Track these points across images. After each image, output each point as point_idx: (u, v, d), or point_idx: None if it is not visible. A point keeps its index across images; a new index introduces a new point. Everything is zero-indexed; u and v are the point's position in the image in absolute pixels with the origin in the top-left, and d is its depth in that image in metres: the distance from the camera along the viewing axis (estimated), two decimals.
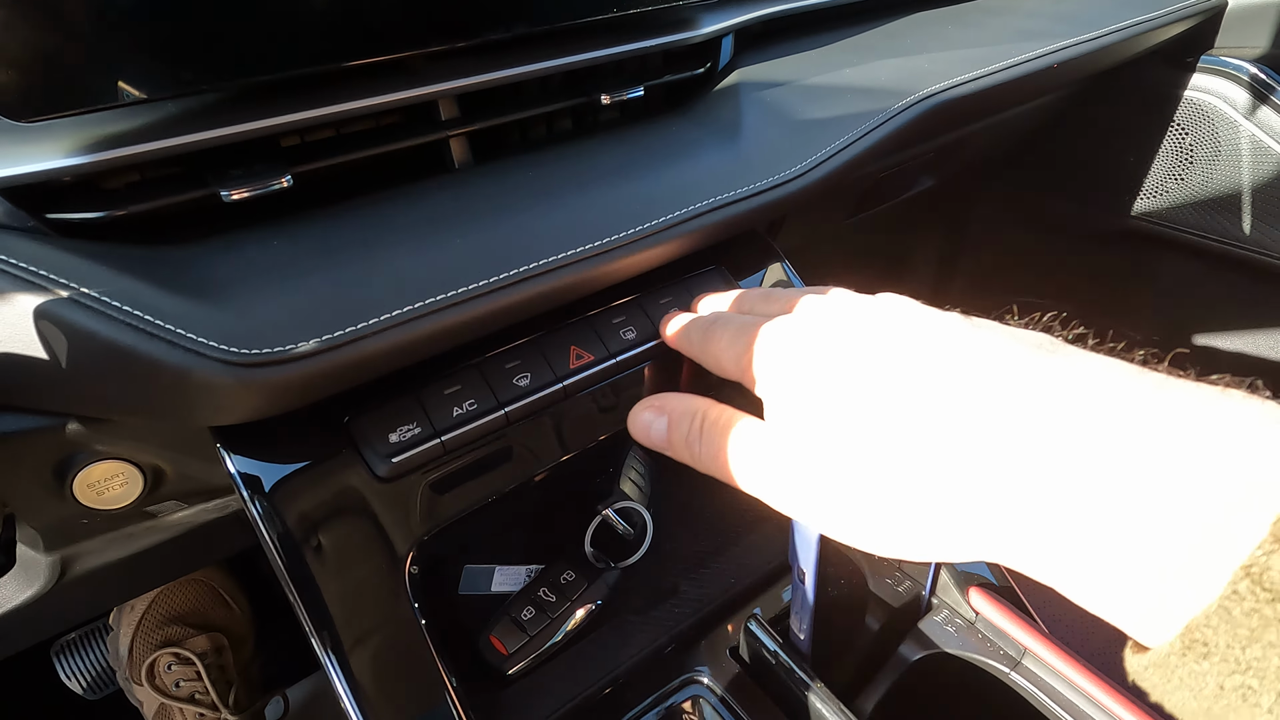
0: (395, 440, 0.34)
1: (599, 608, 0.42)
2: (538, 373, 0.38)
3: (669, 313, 0.37)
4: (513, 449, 0.37)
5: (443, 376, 0.36)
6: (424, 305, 0.32)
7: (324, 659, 0.31)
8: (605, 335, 0.40)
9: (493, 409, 0.36)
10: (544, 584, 0.42)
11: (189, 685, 0.74)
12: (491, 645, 0.40)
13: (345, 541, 0.33)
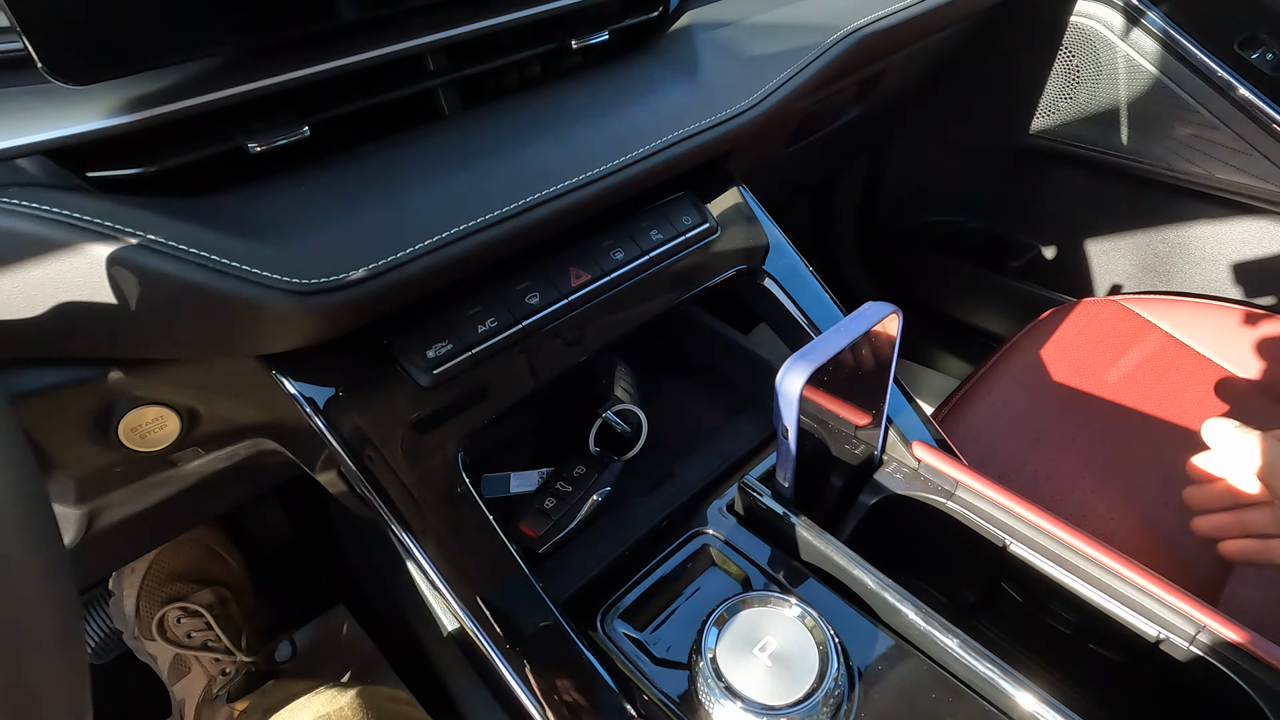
0: (432, 356, 0.39)
1: (609, 494, 0.48)
2: (545, 292, 0.43)
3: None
4: (532, 356, 0.42)
5: (465, 300, 0.41)
6: (449, 234, 0.37)
7: (402, 540, 0.37)
8: (598, 257, 0.45)
9: (511, 324, 0.41)
10: (559, 479, 0.49)
11: (201, 635, 0.77)
12: (521, 532, 0.46)
13: (404, 441, 0.38)
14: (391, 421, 0.38)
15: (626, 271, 0.46)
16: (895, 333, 0.42)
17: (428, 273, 0.36)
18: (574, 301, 0.44)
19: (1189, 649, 0.37)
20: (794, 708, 0.32)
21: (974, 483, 0.45)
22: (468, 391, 0.40)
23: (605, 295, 0.45)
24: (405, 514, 0.37)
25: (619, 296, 0.46)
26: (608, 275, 0.45)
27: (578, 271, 0.45)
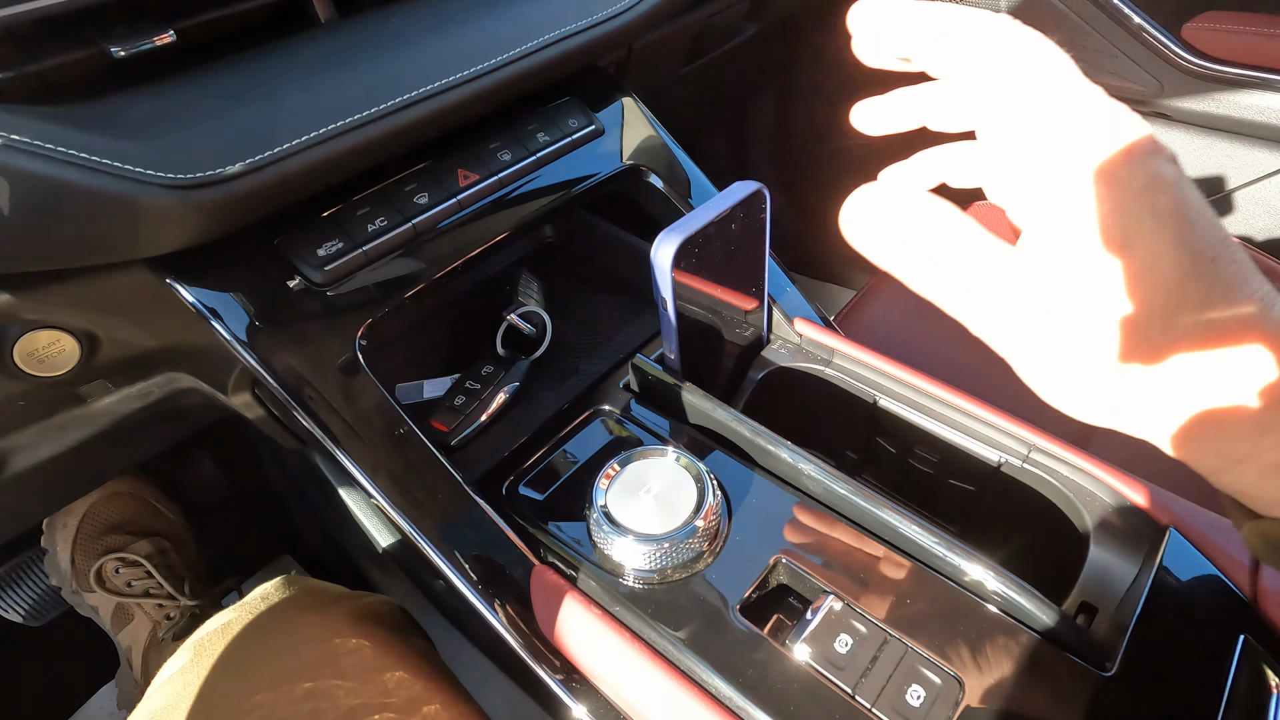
0: (323, 254, 0.41)
1: (517, 390, 0.51)
2: (434, 192, 0.45)
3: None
4: (427, 252, 0.44)
5: (354, 202, 0.43)
6: (330, 130, 0.38)
7: (308, 425, 0.39)
8: (486, 158, 0.47)
9: (400, 223, 0.43)
10: (468, 378, 0.51)
11: (141, 583, 0.78)
12: (433, 428, 0.49)
13: (302, 333, 0.40)
14: (288, 317, 0.40)
15: (514, 172, 0.48)
16: (764, 210, 0.45)
17: (310, 169, 0.38)
18: (463, 200, 0.45)
19: (1024, 467, 0.43)
20: (675, 533, 0.36)
21: (847, 348, 0.49)
22: (362, 287, 0.42)
23: (494, 195, 0.47)
24: (313, 408, 0.39)
25: (509, 195, 0.48)
26: (495, 175, 0.47)
27: (466, 173, 0.46)
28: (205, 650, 0.36)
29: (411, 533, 0.40)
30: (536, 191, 0.49)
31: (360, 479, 0.41)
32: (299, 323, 0.41)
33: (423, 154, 0.46)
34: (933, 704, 0.31)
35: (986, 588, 0.35)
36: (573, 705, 0.35)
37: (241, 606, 0.40)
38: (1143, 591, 0.34)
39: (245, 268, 0.41)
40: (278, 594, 0.40)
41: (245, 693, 0.33)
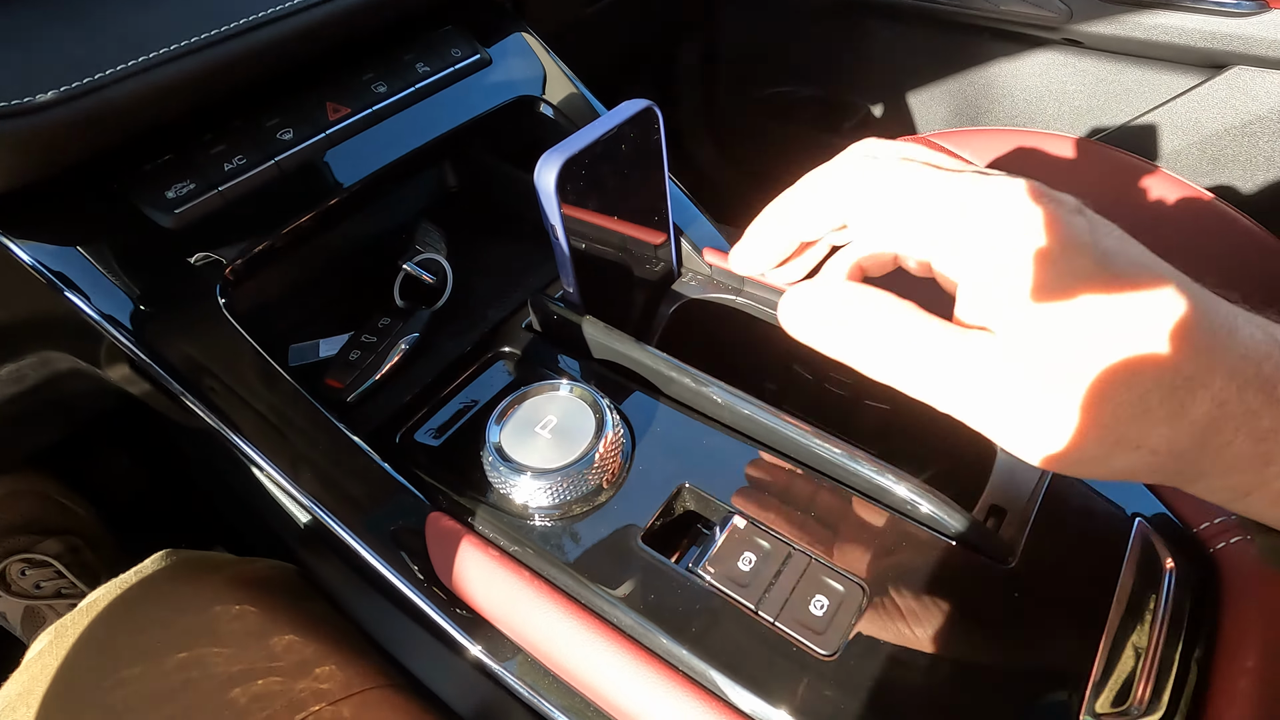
0: (173, 196, 0.37)
1: (418, 341, 0.48)
2: (299, 128, 0.41)
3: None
4: (295, 192, 0.41)
5: (206, 139, 0.39)
6: (160, 54, 0.34)
7: (179, 391, 0.36)
8: (358, 90, 0.44)
9: (261, 161, 0.40)
10: (364, 332, 0.48)
11: (52, 584, 0.74)
12: (328, 386, 0.46)
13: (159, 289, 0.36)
14: (142, 273, 0.36)
15: (390, 104, 0.44)
16: (658, 130, 0.43)
17: (139, 99, 0.34)
18: (333, 135, 0.42)
19: None
20: (573, 465, 0.34)
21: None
22: (223, 233, 0.39)
23: (371, 129, 0.44)
24: (183, 372, 0.36)
25: (388, 129, 0.44)
26: (370, 108, 0.44)
27: (335, 106, 0.43)
28: (67, 630, 0.33)
29: (294, 491, 0.38)
30: (418, 125, 0.46)
31: (238, 442, 0.39)
32: (154, 277, 0.37)
33: (286, 88, 0.42)
34: (835, 611, 0.30)
35: (891, 494, 0.34)
36: (470, 645, 0.33)
37: (112, 584, 0.37)
38: (1043, 486, 0.34)
39: (87, 218, 0.37)
40: (153, 566, 0.37)
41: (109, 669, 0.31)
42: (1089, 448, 0.20)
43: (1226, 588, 0.30)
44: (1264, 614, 0.28)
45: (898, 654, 0.29)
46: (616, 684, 0.30)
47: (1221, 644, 0.28)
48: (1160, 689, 0.27)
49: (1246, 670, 0.27)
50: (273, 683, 0.32)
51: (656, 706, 0.29)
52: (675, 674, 0.29)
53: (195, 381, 0.37)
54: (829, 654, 0.29)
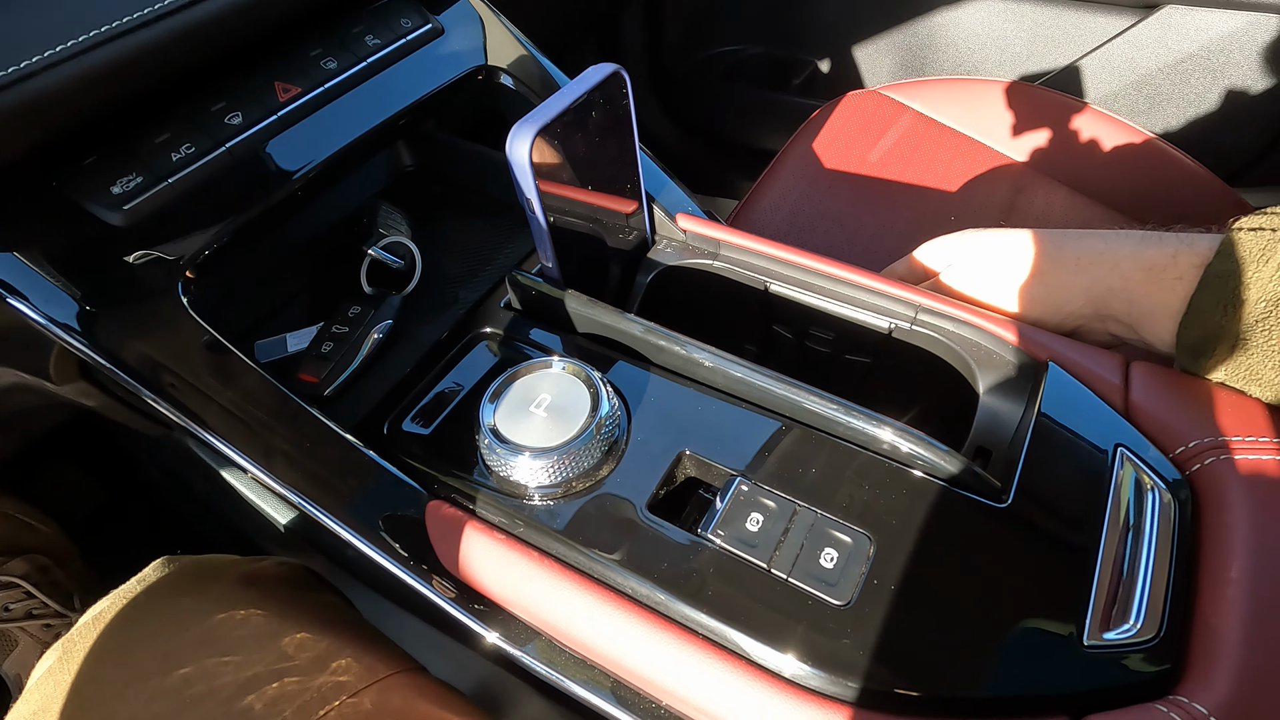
0: (119, 192, 0.35)
1: (391, 329, 0.47)
2: (249, 111, 0.39)
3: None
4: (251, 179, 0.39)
5: (149, 129, 0.37)
6: (90, 38, 0.32)
7: (154, 402, 0.34)
8: (307, 68, 0.42)
9: (211, 149, 0.37)
10: (334, 323, 0.46)
11: (21, 605, 0.70)
12: (302, 381, 0.44)
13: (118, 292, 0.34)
14: (92, 272, 0.34)
15: (343, 81, 0.42)
16: (626, 94, 0.42)
17: (73, 86, 0.31)
18: (285, 117, 0.40)
19: (912, 329, 0.43)
20: (572, 442, 0.34)
21: (733, 238, 0.48)
22: (178, 228, 0.36)
23: (324, 107, 0.42)
24: (156, 382, 0.34)
25: (342, 107, 0.42)
26: (321, 86, 0.41)
27: (285, 85, 0.41)
28: (76, 646, 0.32)
29: (288, 494, 0.36)
30: (375, 102, 0.44)
31: (222, 448, 0.37)
32: (108, 279, 0.35)
33: (232, 70, 0.39)
34: (846, 562, 0.31)
35: (885, 444, 0.35)
36: (485, 633, 0.33)
37: (116, 595, 0.35)
38: (1029, 424, 0.35)
39: (26, 220, 0.34)
40: (155, 574, 0.36)
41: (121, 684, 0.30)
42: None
43: (1204, 506, 0.32)
44: (1241, 527, 0.30)
45: (908, 596, 0.30)
46: (639, 654, 0.30)
47: (1204, 559, 0.30)
48: (1154, 607, 0.29)
49: (1230, 580, 0.29)
50: (289, 683, 0.31)
51: (682, 672, 0.29)
52: (696, 638, 0.30)
53: (165, 386, 0.35)
54: (843, 603, 0.30)
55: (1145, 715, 0.26)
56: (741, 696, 0.29)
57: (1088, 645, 0.28)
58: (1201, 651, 0.27)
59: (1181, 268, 0.36)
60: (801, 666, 0.28)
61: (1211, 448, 0.33)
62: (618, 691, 0.33)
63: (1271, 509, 0.30)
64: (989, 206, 0.76)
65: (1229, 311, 0.33)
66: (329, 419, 0.38)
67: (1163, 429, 0.35)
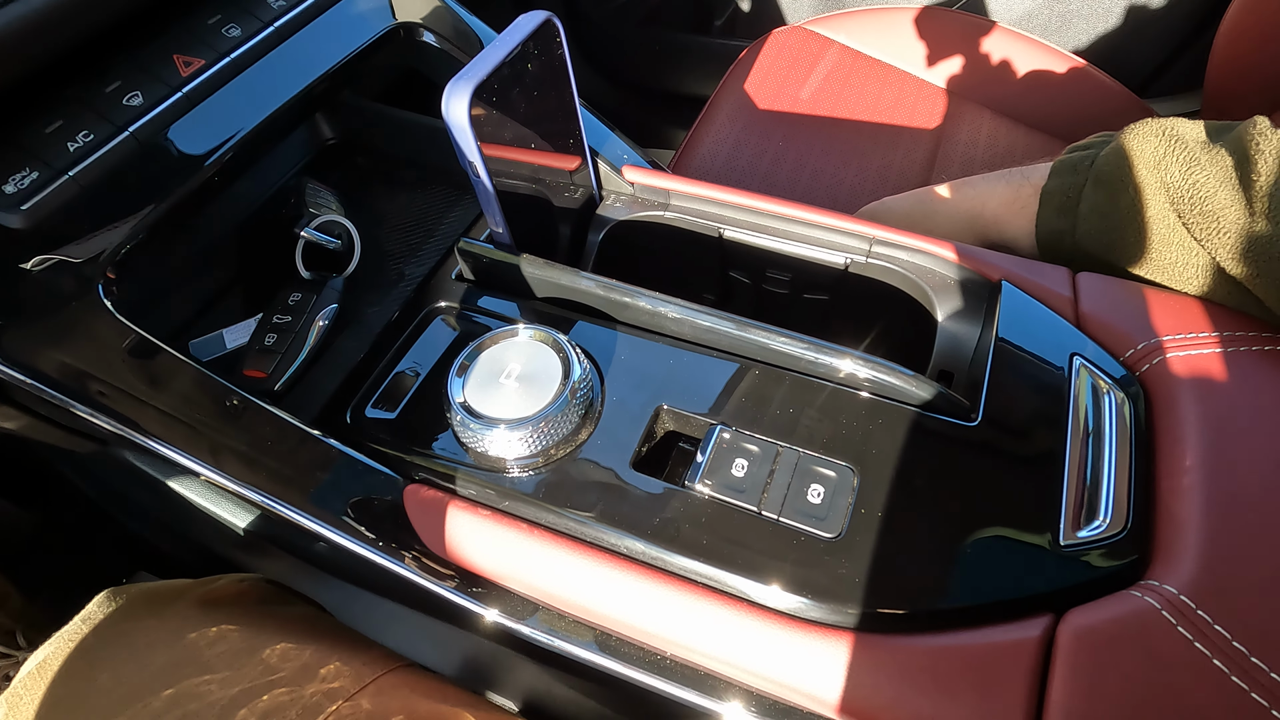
0: (14, 191, 0.31)
1: (337, 313, 0.45)
2: (150, 89, 0.36)
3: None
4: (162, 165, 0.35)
5: (37, 117, 0.33)
6: None
7: (89, 417, 0.31)
8: (208, 37, 0.38)
9: (113, 134, 0.34)
10: (275, 313, 0.44)
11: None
12: (248, 378, 0.42)
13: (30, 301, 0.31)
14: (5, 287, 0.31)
15: (250, 50, 0.39)
16: (560, 42, 0.40)
17: None
18: (191, 94, 0.36)
19: (868, 261, 0.43)
20: (548, 409, 0.33)
21: (683, 186, 0.47)
22: (88, 225, 0.33)
23: (232, 80, 0.38)
24: (87, 394, 0.31)
25: (253, 78, 0.39)
26: (226, 57, 0.38)
27: (186, 59, 0.37)
28: (21, 700, 0.30)
29: (256, 497, 0.35)
30: (289, 70, 0.41)
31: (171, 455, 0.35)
32: (17, 289, 0.32)
33: (120, 44, 0.36)
34: (833, 496, 0.31)
35: (857, 377, 0.35)
36: (484, 612, 0.33)
37: (59, 638, 0.33)
38: (989, 344, 0.36)
39: None
40: (102, 610, 0.34)
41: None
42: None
43: (1155, 403, 0.34)
44: (1190, 419, 0.32)
45: (895, 521, 0.31)
46: (640, 611, 0.30)
47: (1160, 452, 0.32)
48: (1119, 502, 0.31)
49: (1185, 469, 0.31)
50: (279, 695, 0.30)
51: (685, 622, 0.30)
52: (695, 587, 0.30)
53: (97, 397, 0.32)
54: (834, 535, 0.30)
55: (1121, 602, 0.28)
56: (746, 637, 0.29)
57: (1064, 545, 0.30)
58: (1166, 538, 0.29)
59: (1025, 197, 0.45)
60: (801, 600, 0.29)
61: (1156, 348, 0.35)
62: (620, 649, 0.33)
63: (1216, 399, 0.32)
64: (920, 137, 0.77)
65: (1064, 216, 0.42)
66: (286, 411, 0.36)
67: (1112, 335, 0.36)
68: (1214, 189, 0.35)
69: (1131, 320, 0.37)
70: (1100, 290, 0.38)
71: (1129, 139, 0.39)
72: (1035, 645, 0.27)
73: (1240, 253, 0.34)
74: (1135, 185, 0.38)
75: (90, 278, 0.32)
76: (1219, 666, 0.26)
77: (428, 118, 0.54)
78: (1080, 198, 0.42)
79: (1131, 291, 0.38)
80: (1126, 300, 0.38)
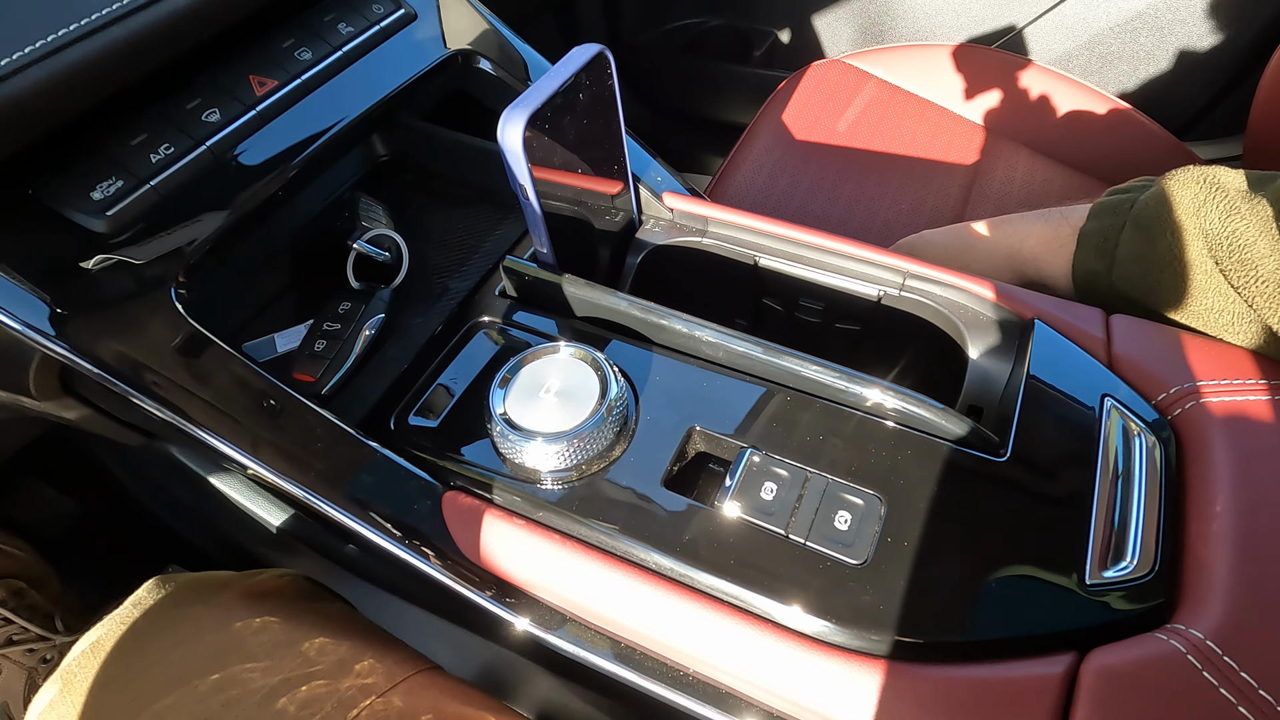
0: (100, 197, 0.34)
1: (383, 323, 0.46)
2: (226, 107, 0.38)
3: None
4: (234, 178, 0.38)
5: (124, 130, 0.35)
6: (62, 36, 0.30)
7: (150, 409, 0.33)
8: (282, 60, 0.40)
9: (191, 148, 0.36)
10: (325, 320, 0.46)
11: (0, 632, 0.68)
12: (298, 381, 0.44)
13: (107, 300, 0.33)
14: (85, 286, 0.33)
15: (319, 72, 0.41)
16: (610, 74, 0.42)
17: (49, 89, 0.30)
18: (264, 112, 0.39)
19: (901, 294, 0.44)
20: (584, 425, 0.35)
21: (721, 214, 0.48)
22: (165, 232, 0.35)
23: (302, 100, 0.41)
24: (150, 388, 0.33)
25: (320, 100, 0.41)
26: (298, 78, 0.40)
27: (261, 79, 0.39)
28: (76, 677, 0.31)
29: (297, 491, 0.36)
30: (354, 92, 0.43)
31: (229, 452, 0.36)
32: (98, 288, 0.34)
33: (202, 64, 0.38)
34: (860, 523, 0.32)
35: (887, 408, 0.36)
36: (515, 620, 0.34)
37: (111, 620, 0.35)
38: (1020, 381, 0.37)
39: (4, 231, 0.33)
40: (153, 596, 0.35)
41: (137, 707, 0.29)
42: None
43: (1187, 447, 0.34)
44: (1221, 465, 0.32)
45: (921, 551, 0.31)
46: (666, 626, 0.31)
47: (1190, 497, 0.32)
48: (1147, 545, 0.31)
49: (1214, 515, 0.31)
50: (316, 686, 0.31)
51: (711, 639, 0.30)
52: (722, 605, 0.31)
53: (163, 392, 0.34)
54: (860, 562, 0.31)
55: (1146, 644, 0.28)
56: (768, 657, 0.30)
57: (1089, 585, 0.30)
58: (1193, 582, 0.29)
59: (1063, 237, 0.46)
60: (825, 625, 0.30)
61: (1190, 393, 0.35)
62: (644, 663, 0.34)
63: (1248, 446, 0.33)
64: (955, 173, 0.78)
65: (1101, 258, 0.43)
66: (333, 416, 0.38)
67: (1145, 377, 0.36)
68: (1253, 238, 0.36)
69: (1165, 364, 0.37)
70: (1134, 333, 0.39)
71: (1169, 184, 0.40)
72: (1058, 682, 0.28)
73: (1277, 301, 0.35)
74: (1174, 230, 0.39)
75: (163, 280, 0.35)
76: (1244, 714, 0.26)
77: (475, 138, 0.56)
78: (1118, 240, 0.42)
79: (1165, 335, 0.38)
80: (1160, 344, 0.38)
